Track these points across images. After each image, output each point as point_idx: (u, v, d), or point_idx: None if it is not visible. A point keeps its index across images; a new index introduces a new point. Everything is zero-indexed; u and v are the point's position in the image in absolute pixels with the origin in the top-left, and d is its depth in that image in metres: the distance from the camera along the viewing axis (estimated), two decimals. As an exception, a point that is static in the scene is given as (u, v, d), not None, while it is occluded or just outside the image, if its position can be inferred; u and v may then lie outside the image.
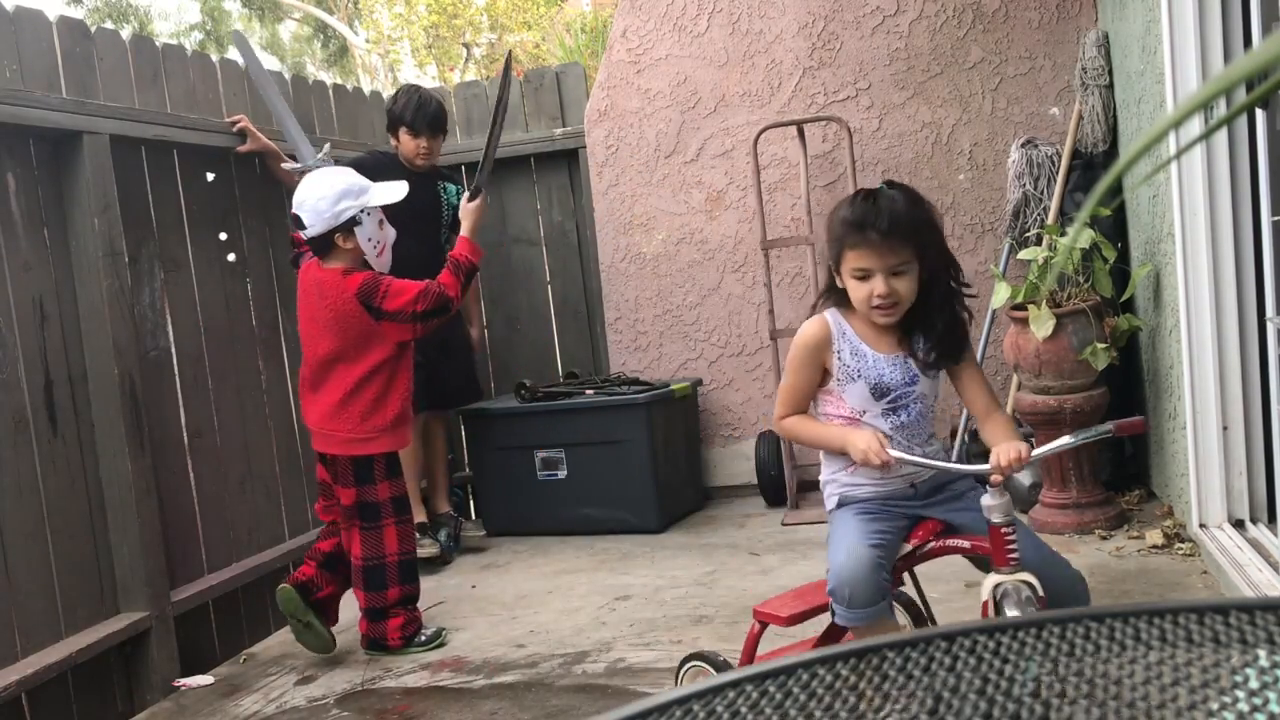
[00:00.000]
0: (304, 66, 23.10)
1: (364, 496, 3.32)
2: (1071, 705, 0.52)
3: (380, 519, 3.33)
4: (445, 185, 4.52)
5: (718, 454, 5.11)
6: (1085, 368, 3.76)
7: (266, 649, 3.70)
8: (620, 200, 5.14)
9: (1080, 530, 3.80)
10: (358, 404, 3.29)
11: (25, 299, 3.15)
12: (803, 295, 4.95)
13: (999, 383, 4.67)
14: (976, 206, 4.75)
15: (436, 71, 18.26)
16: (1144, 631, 0.58)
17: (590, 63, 8.57)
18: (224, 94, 4.09)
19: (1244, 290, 3.27)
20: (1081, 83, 4.37)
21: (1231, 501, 3.34)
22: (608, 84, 5.12)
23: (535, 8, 16.88)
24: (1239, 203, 3.24)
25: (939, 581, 3.51)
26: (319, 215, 3.19)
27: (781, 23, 4.88)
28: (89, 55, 3.46)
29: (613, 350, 5.21)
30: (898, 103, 4.79)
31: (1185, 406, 3.40)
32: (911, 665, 0.58)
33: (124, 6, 22.02)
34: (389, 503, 3.34)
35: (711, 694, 0.57)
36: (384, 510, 3.34)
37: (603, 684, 3.00)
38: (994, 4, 4.66)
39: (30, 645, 3.04)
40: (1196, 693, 0.51)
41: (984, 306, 4.64)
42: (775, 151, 4.93)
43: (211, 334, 3.91)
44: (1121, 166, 0.40)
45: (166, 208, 3.78)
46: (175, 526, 3.59)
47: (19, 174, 3.18)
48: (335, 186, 3.22)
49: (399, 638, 3.38)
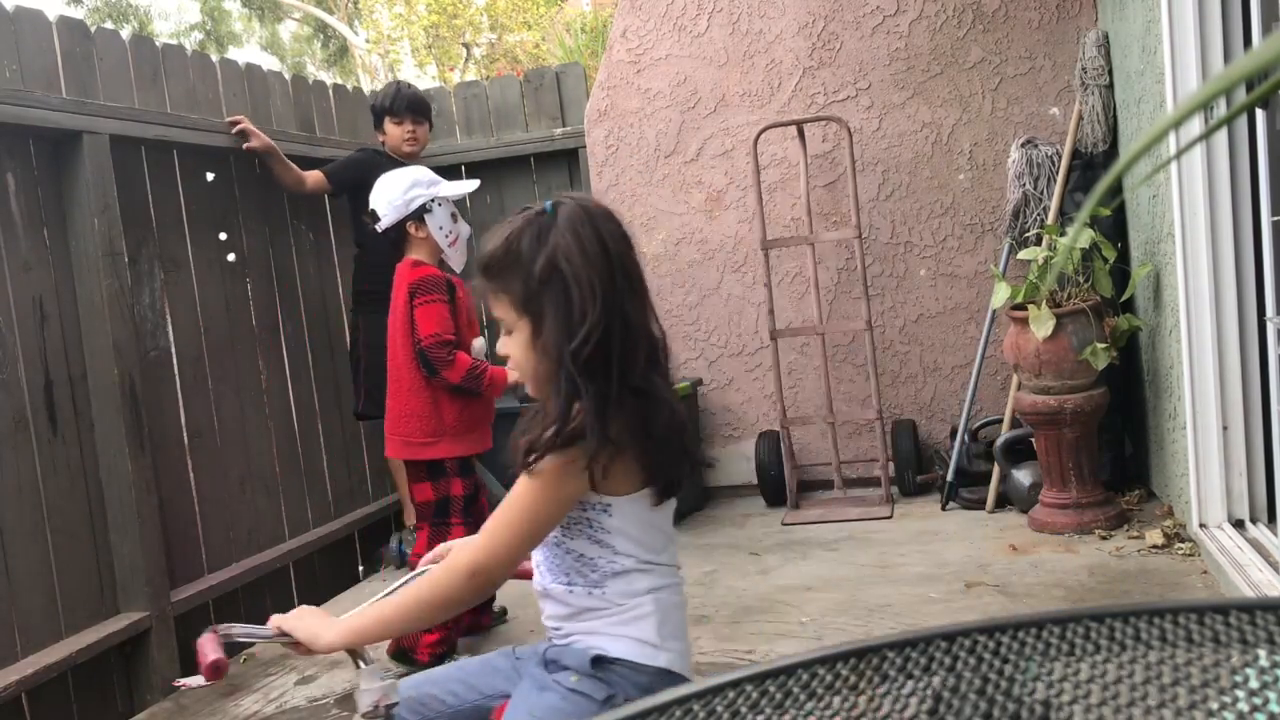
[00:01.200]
0: (304, 66, 23.11)
1: (437, 494, 3.25)
2: (1071, 705, 0.52)
3: (449, 518, 3.24)
4: None
5: (718, 454, 5.11)
6: (1085, 368, 3.76)
7: (266, 648, 3.70)
8: (620, 200, 5.13)
9: (1080, 530, 3.80)
10: (416, 406, 3.23)
11: (25, 299, 3.15)
12: (803, 295, 4.95)
13: (999, 383, 4.68)
14: (976, 206, 4.75)
15: (436, 71, 18.26)
16: (1144, 631, 0.58)
17: (590, 63, 8.57)
18: (224, 94, 4.09)
19: (1244, 290, 3.27)
20: (1081, 83, 4.37)
21: (1231, 501, 3.34)
22: (608, 84, 5.12)
23: (535, 8, 16.88)
24: (1239, 203, 3.24)
25: (939, 581, 3.52)
26: (391, 205, 3.20)
27: (781, 23, 4.88)
28: (89, 55, 3.46)
29: (613, 350, 5.20)
30: (898, 103, 4.79)
31: (1185, 406, 3.40)
32: (911, 665, 0.58)
33: (124, 6, 22.02)
34: (460, 500, 3.25)
35: (711, 694, 0.57)
36: (454, 508, 3.24)
37: (603, 684, 2.99)
38: (994, 4, 4.66)
39: (30, 645, 3.03)
40: (1196, 693, 0.51)
41: (984, 306, 4.64)
42: (775, 151, 4.93)
43: (211, 334, 3.91)
44: (1121, 166, 0.40)
45: (166, 208, 3.77)
46: (175, 526, 3.59)
47: (19, 174, 3.18)
48: (406, 178, 3.23)
49: (429, 655, 3.20)
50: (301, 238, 4.49)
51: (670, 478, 1.53)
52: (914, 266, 4.83)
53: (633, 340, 1.48)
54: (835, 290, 4.91)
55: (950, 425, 4.70)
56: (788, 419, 4.75)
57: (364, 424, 4.66)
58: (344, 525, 4.47)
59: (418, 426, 3.22)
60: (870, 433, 4.83)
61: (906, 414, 4.86)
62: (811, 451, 4.99)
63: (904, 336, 4.86)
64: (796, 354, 4.98)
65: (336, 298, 4.71)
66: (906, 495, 4.67)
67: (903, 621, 3.19)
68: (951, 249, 4.78)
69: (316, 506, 4.40)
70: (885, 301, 4.86)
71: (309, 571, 4.26)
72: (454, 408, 3.22)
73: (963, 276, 4.77)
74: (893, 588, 3.50)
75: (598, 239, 1.47)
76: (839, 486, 4.79)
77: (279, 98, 4.43)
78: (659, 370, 1.52)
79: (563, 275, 1.45)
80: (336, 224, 4.72)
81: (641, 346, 1.49)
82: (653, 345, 1.52)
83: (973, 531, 4.03)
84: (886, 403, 4.82)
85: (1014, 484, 4.18)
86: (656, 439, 1.48)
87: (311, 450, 4.42)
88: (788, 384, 4.95)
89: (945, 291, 4.80)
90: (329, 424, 4.55)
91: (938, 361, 4.84)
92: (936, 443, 4.80)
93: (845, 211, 4.82)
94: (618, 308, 1.46)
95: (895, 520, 4.33)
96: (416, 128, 4.34)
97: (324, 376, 4.54)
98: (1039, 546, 3.74)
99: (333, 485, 4.52)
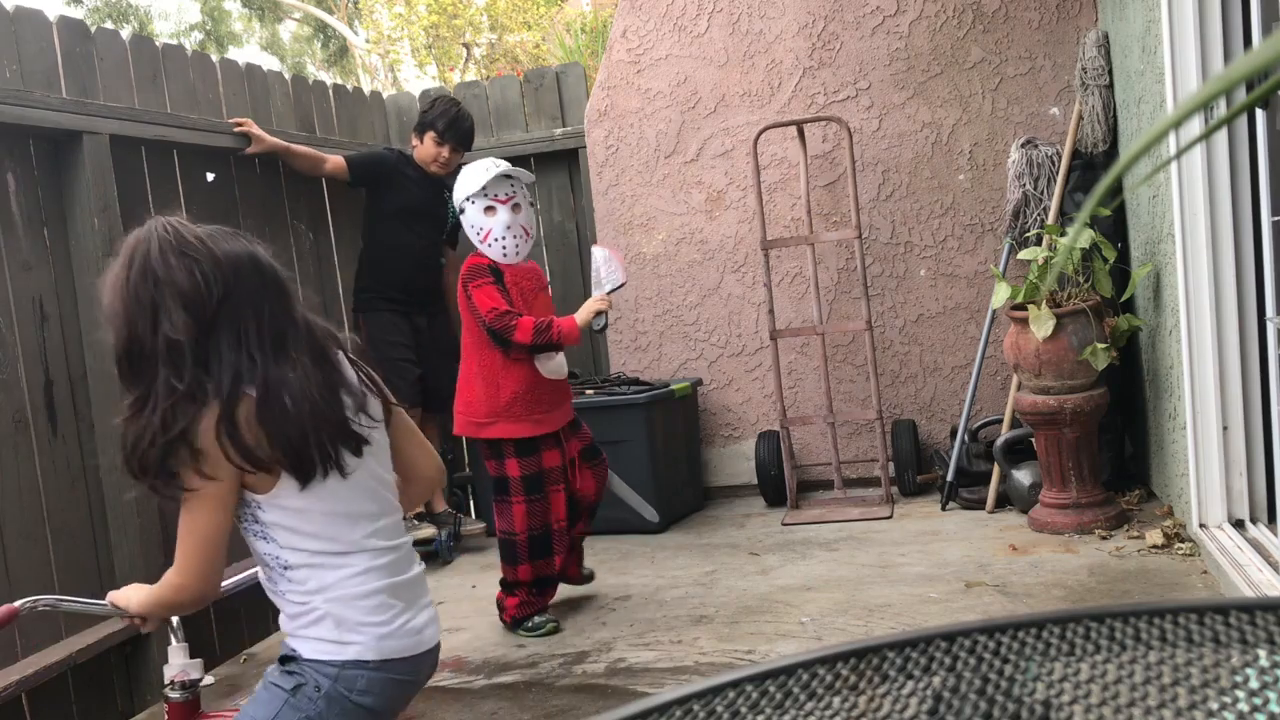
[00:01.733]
0: (304, 66, 23.11)
1: (497, 472, 3.44)
2: (1071, 705, 0.52)
3: (509, 495, 3.43)
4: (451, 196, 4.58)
5: (718, 454, 5.11)
6: (1085, 368, 3.76)
7: (266, 649, 3.70)
8: (620, 200, 5.14)
9: (1080, 530, 3.80)
10: (479, 388, 3.43)
11: (25, 299, 3.15)
12: (803, 295, 4.95)
13: (999, 383, 4.68)
14: (976, 206, 4.75)
15: (436, 71, 18.26)
16: (1144, 631, 0.58)
17: (590, 63, 8.57)
18: (224, 94, 4.09)
19: (1244, 290, 3.27)
20: (1081, 83, 4.37)
21: (1231, 501, 3.34)
22: (608, 84, 5.12)
23: (535, 8, 16.87)
24: (1239, 203, 3.24)
25: (938, 582, 3.52)
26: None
27: (781, 23, 4.88)
28: (89, 55, 3.46)
29: (613, 350, 5.21)
30: (898, 103, 4.79)
31: (1185, 406, 3.40)
32: (911, 665, 0.58)
33: (124, 6, 22.02)
34: (519, 480, 3.42)
35: (711, 694, 0.57)
36: (513, 487, 3.42)
37: (603, 684, 3.00)
38: (994, 4, 4.66)
39: (30, 645, 3.03)
40: (1196, 693, 0.51)
41: (984, 306, 4.64)
42: (775, 151, 4.93)
43: (211, 334, 3.91)
44: (1121, 166, 0.40)
45: (166, 208, 3.77)
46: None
47: (19, 174, 3.18)
48: (457, 188, 3.47)
49: (512, 617, 3.49)
50: (301, 238, 4.49)
51: (302, 461, 1.58)
52: (914, 266, 4.83)
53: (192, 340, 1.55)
54: (835, 290, 4.91)
55: (950, 425, 4.70)
56: (787, 419, 4.75)
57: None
58: (344, 525, 4.46)
59: (479, 408, 3.42)
60: (870, 433, 4.83)
61: (906, 414, 4.86)
62: (811, 451, 4.99)
63: (904, 336, 4.86)
64: (796, 354, 4.98)
65: (337, 298, 4.71)
66: (906, 495, 4.67)
67: (903, 621, 3.19)
68: (951, 249, 4.78)
69: (316, 506, 4.39)
70: (885, 301, 4.86)
71: (309, 571, 4.25)
72: (511, 392, 3.38)
73: (963, 276, 4.78)
74: (892, 588, 3.50)
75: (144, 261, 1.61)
76: (839, 486, 4.79)
77: (279, 98, 4.42)
78: (284, 356, 1.59)
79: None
80: (336, 224, 4.72)
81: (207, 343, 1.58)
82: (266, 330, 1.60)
83: (973, 531, 4.03)
84: (886, 403, 4.82)
85: (1014, 484, 4.18)
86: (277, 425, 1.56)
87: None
88: (787, 384, 4.95)
89: (945, 291, 4.80)
90: (329, 424, 4.54)
91: (938, 361, 4.84)
92: (936, 443, 4.80)
93: (845, 211, 4.82)
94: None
95: (895, 520, 4.33)
96: (454, 156, 4.44)
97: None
98: (1039, 546, 3.74)
99: (333, 485, 4.52)
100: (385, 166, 4.49)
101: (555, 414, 3.47)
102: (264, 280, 1.65)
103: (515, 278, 3.41)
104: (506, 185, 3.39)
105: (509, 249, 3.37)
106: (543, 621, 3.49)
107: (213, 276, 1.59)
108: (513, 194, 3.40)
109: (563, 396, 3.51)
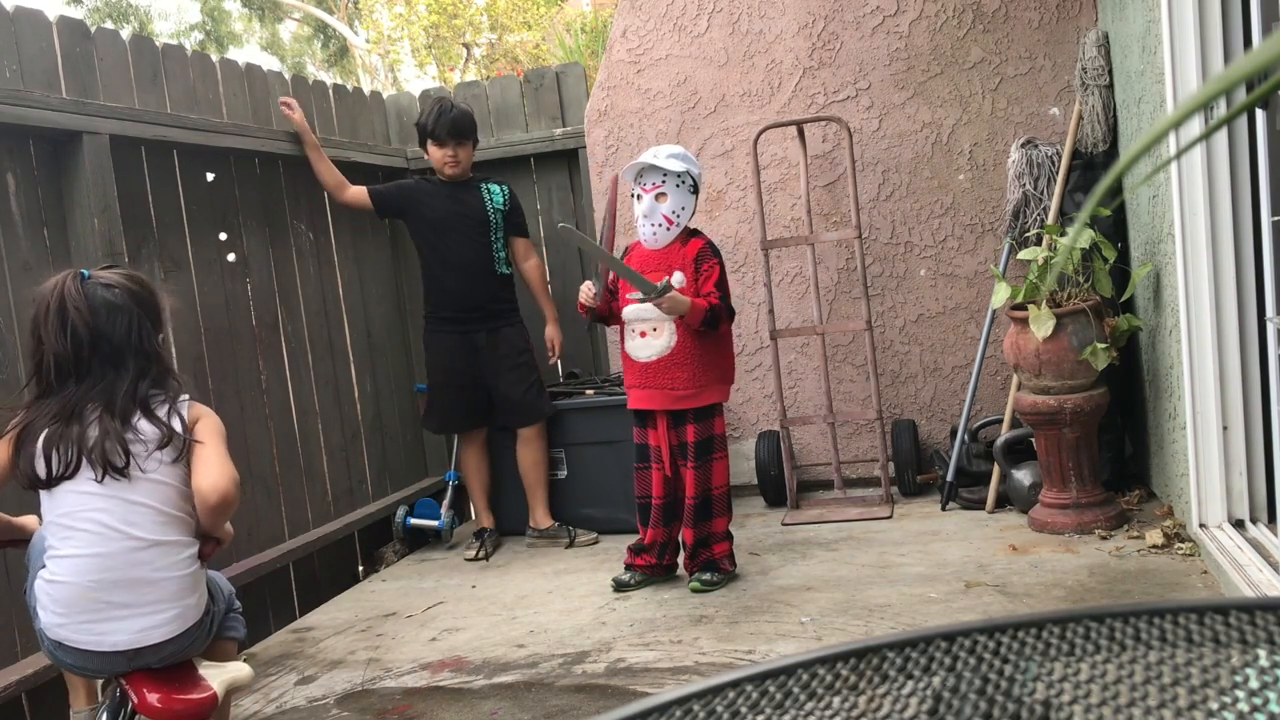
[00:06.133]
0: (304, 66, 23.10)
1: (699, 434, 3.66)
2: (1071, 705, 0.52)
3: (713, 453, 3.69)
4: (488, 186, 4.56)
5: (718, 454, 5.10)
6: (1085, 368, 3.76)
7: (266, 649, 3.70)
8: (620, 200, 5.13)
9: (1080, 530, 3.80)
10: (729, 354, 3.79)
11: (25, 299, 3.14)
12: (803, 295, 4.95)
13: (998, 383, 4.68)
14: (976, 206, 4.75)
15: (436, 71, 18.26)
16: (1144, 631, 0.58)
17: (590, 63, 8.57)
18: (224, 94, 4.09)
19: (1244, 290, 3.27)
20: (1081, 83, 4.37)
21: (1231, 501, 3.34)
22: (608, 84, 5.12)
23: (535, 8, 16.87)
24: (1239, 203, 3.24)
25: (938, 582, 3.52)
26: None
27: (781, 23, 4.88)
28: (89, 55, 3.46)
29: (613, 350, 5.21)
30: (898, 103, 4.79)
31: (1185, 406, 3.40)
32: (911, 665, 0.58)
33: (124, 6, 22.02)
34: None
35: (711, 694, 0.57)
36: (716, 444, 3.70)
37: (603, 684, 3.00)
38: (994, 4, 4.66)
39: (30, 645, 3.03)
40: (1196, 693, 0.51)
41: (984, 306, 4.64)
42: (775, 151, 4.93)
43: (211, 334, 3.91)
44: (1121, 166, 0.40)
45: (166, 208, 3.78)
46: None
47: (19, 174, 3.18)
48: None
49: (730, 567, 3.77)
50: (301, 238, 4.49)
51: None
52: (914, 266, 4.83)
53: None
54: (835, 290, 4.91)
55: (950, 425, 4.70)
56: (787, 419, 4.75)
57: (364, 425, 4.75)
58: (344, 525, 4.47)
59: (733, 374, 3.83)
60: (870, 433, 4.83)
61: (906, 414, 4.86)
62: (811, 451, 4.99)
63: (904, 336, 4.86)
64: (796, 354, 4.98)
65: (337, 298, 4.71)
66: (906, 495, 4.67)
67: (903, 621, 3.19)
68: (951, 249, 4.78)
69: (316, 507, 4.40)
70: (885, 301, 4.86)
71: (308, 571, 4.26)
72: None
73: (963, 276, 4.78)
74: (892, 588, 3.50)
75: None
76: (839, 486, 4.79)
77: (279, 98, 4.42)
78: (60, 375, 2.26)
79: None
80: (337, 224, 4.72)
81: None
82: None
83: (972, 531, 4.03)
84: (886, 403, 4.82)
85: (1014, 484, 4.18)
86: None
87: (311, 450, 4.42)
88: (787, 384, 4.95)
89: (945, 291, 4.80)
90: (329, 424, 4.55)
91: (938, 361, 4.84)
92: (936, 443, 4.80)
93: (845, 212, 4.82)
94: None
95: (895, 520, 4.33)
96: (458, 150, 4.44)
97: (324, 376, 4.54)
98: (1039, 546, 3.74)
99: (332, 485, 4.52)
100: (407, 197, 4.50)
101: (649, 391, 3.77)
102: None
103: (640, 259, 3.69)
104: (656, 175, 3.61)
105: (646, 234, 3.66)
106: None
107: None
108: (660, 183, 3.61)
109: (642, 375, 3.79)
